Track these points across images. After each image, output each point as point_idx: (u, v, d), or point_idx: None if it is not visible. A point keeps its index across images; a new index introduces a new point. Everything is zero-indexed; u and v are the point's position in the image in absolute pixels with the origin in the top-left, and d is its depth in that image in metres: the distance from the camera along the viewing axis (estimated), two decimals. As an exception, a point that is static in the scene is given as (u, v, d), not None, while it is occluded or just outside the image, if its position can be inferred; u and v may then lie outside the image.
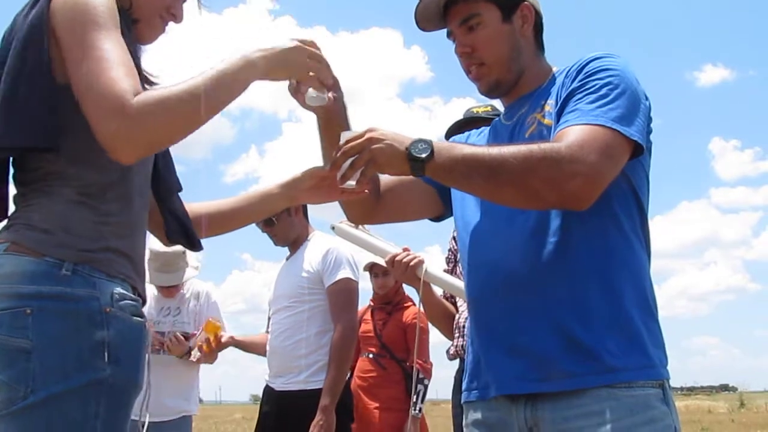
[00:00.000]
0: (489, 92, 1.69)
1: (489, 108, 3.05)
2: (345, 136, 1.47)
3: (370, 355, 4.33)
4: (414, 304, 4.39)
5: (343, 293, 3.23)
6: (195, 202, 1.79)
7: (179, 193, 1.65)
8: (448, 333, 3.01)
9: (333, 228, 2.50)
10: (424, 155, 1.40)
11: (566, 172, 1.37)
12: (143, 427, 1.53)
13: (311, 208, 3.51)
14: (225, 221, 1.79)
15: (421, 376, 4.28)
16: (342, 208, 1.83)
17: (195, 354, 3.62)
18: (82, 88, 1.30)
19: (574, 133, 1.42)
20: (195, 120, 1.33)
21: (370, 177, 1.47)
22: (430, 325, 3.12)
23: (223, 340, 3.60)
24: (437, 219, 1.87)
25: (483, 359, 1.59)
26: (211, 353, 3.58)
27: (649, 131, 1.53)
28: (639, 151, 1.46)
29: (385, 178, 1.79)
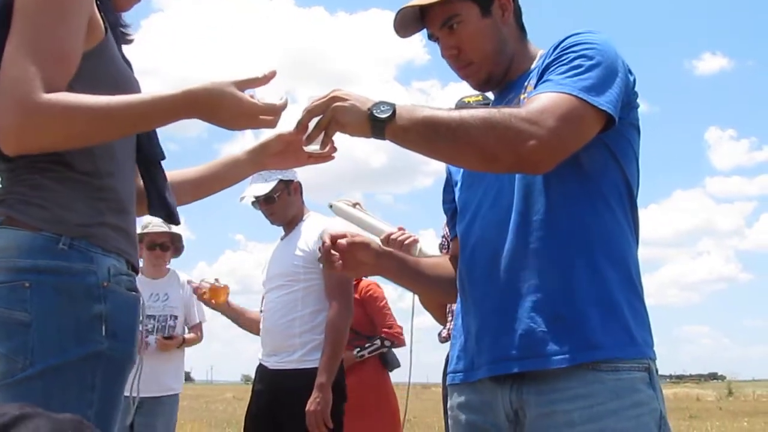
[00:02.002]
0: (481, 88, 1.70)
1: (480, 97, 3.08)
2: (312, 98, 1.47)
3: None
4: (362, 279, 4.44)
5: (338, 274, 3.23)
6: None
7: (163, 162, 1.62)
8: (440, 317, 3.02)
9: (331, 206, 2.55)
10: (384, 116, 1.39)
11: (523, 134, 1.37)
12: (134, 402, 1.55)
13: (308, 191, 3.53)
14: (194, 189, 1.79)
15: (387, 342, 4.35)
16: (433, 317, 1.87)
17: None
18: (2, 63, 1.29)
19: (538, 99, 1.43)
20: (91, 139, 1.35)
21: (331, 136, 1.47)
22: (421, 308, 3.12)
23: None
24: None
25: (469, 341, 1.61)
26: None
27: (634, 106, 1.54)
28: (611, 124, 1.46)
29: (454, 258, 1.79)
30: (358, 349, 4.29)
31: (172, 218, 1.60)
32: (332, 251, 1.68)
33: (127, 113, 1.34)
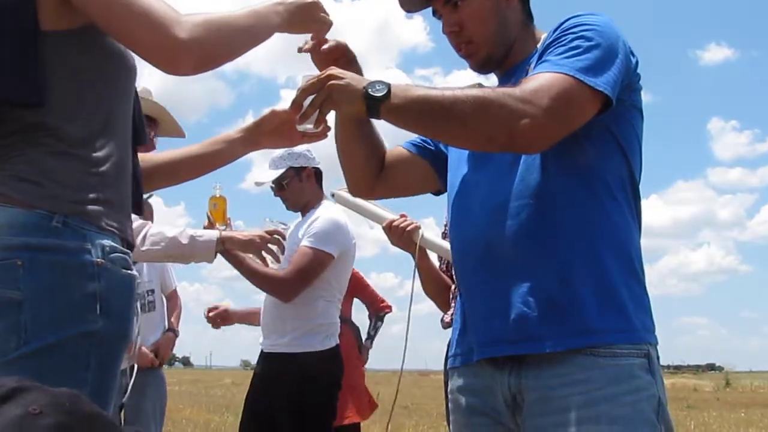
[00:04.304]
0: (481, 68, 1.68)
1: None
2: (306, 76, 1.47)
3: None
4: None
5: (307, 257, 3.19)
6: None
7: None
8: (443, 304, 3.02)
9: (333, 195, 2.55)
10: (379, 95, 1.39)
11: (516, 113, 1.37)
12: (131, 375, 1.55)
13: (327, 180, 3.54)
14: (190, 167, 1.82)
15: (381, 314, 4.74)
16: (345, 179, 1.84)
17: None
18: (124, 11, 1.30)
19: (533, 79, 1.42)
20: (238, 48, 1.43)
21: (326, 115, 1.47)
22: (420, 296, 3.14)
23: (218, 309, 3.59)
24: (436, 193, 1.88)
25: (466, 324, 1.61)
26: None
27: (636, 88, 1.53)
28: (608, 105, 1.44)
29: (387, 156, 1.80)
30: (368, 339, 4.60)
31: (137, 208, 1.56)
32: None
33: (256, 22, 1.43)
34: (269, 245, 2.83)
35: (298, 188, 3.41)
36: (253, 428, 3.33)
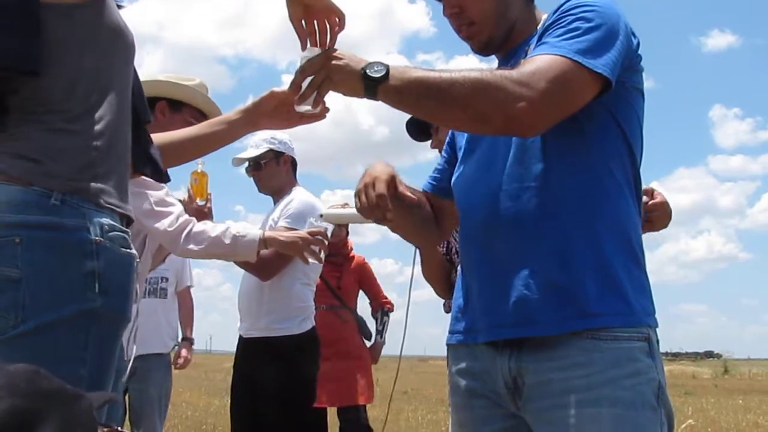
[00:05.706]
0: (482, 50, 1.66)
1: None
2: (305, 57, 1.46)
3: (326, 308, 4.51)
4: (355, 255, 4.88)
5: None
6: None
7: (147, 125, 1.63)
8: (442, 290, 3.00)
9: (321, 216, 2.58)
10: (378, 76, 1.39)
11: (513, 95, 1.36)
12: (130, 359, 1.54)
13: (309, 164, 3.54)
14: (192, 148, 1.85)
15: (386, 309, 4.91)
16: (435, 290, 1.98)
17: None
18: None
19: (531, 61, 1.41)
20: None
21: (324, 95, 1.46)
22: (423, 280, 3.13)
23: None
24: None
25: (468, 304, 1.61)
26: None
27: (637, 70, 1.52)
28: (608, 87, 1.43)
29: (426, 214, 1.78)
30: (377, 335, 4.75)
31: (159, 173, 1.59)
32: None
33: None
34: (311, 246, 2.85)
35: (274, 171, 3.44)
36: (239, 413, 3.36)
